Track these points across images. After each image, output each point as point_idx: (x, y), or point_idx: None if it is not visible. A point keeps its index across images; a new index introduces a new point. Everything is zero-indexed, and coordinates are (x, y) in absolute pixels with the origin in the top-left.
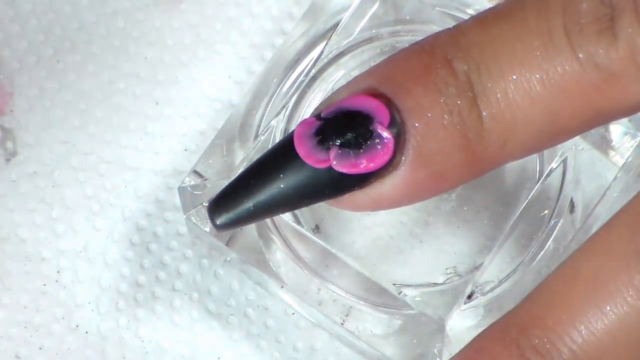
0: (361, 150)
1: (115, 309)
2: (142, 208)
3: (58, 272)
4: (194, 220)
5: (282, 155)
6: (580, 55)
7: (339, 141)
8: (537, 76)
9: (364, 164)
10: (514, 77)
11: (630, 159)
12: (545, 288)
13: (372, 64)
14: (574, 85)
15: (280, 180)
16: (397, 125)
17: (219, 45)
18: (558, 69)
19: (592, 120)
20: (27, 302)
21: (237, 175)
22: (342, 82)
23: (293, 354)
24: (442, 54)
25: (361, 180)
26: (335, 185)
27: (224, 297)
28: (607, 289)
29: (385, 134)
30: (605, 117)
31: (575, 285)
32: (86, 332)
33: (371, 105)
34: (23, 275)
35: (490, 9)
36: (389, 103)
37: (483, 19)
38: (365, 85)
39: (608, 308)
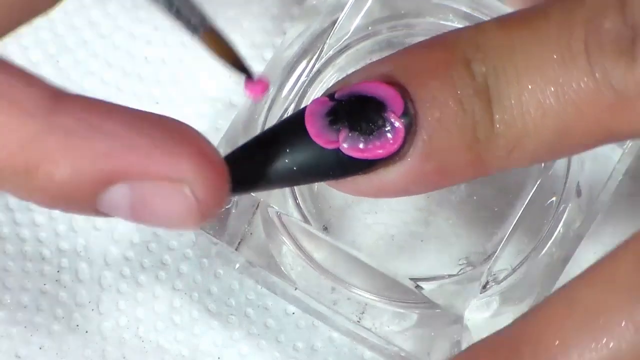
0: (371, 137)
1: (115, 309)
2: None
3: (58, 271)
4: (201, 228)
5: (291, 131)
6: (597, 74)
7: (351, 124)
8: (552, 89)
9: (372, 150)
10: (530, 86)
11: (630, 143)
12: (543, 310)
13: (369, 61)
14: (587, 103)
15: (286, 155)
16: (409, 116)
17: None
18: (573, 84)
19: (601, 139)
20: (27, 302)
21: (243, 143)
22: None
23: (293, 353)
24: (461, 52)
25: (367, 165)
26: (340, 168)
27: (224, 296)
28: (606, 320)
29: (397, 123)
30: (615, 137)
31: (574, 312)
32: (86, 332)
33: (386, 93)
34: (23, 274)
35: (513, 13)
36: (404, 92)
37: (505, 22)
38: (382, 71)
39: (604, 340)
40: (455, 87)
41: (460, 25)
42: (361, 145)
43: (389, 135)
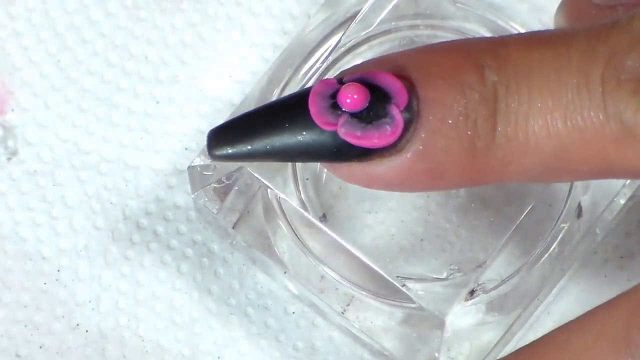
0: (370, 125)
1: (115, 308)
2: (143, 207)
3: (58, 270)
4: (202, 201)
5: (293, 107)
6: (609, 108)
7: (354, 110)
8: (561, 113)
9: (369, 139)
10: (539, 105)
11: None
12: (535, 349)
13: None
14: (593, 133)
15: (285, 130)
16: (411, 112)
17: (220, 45)
18: (584, 112)
19: (601, 171)
20: (27, 301)
21: (246, 111)
22: None
23: (293, 353)
24: (477, 58)
25: (362, 154)
26: (335, 151)
27: (224, 296)
28: None
29: (397, 116)
30: (615, 173)
31: (562, 355)
32: (86, 331)
33: (394, 86)
34: (23, 274)
35: (538, 31)
36: (411, 89)
37: (528, 38)
38: (395, 63)
39: None
40: (463, 91)
41: (482, 33)
42: (358, 133)
43: (387, 127)
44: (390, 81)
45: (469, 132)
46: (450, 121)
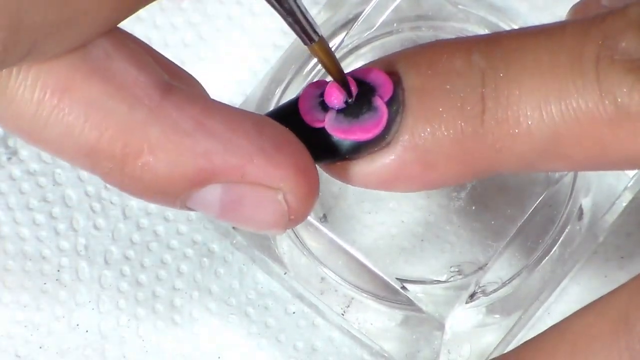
0: (356, 119)
1: (115, 308)
2: (143, 207)
3: (58, 270)
4: None
5: (287, 109)
6: (603, 87)
7: (338, 106)
8: (555, 94)
9: (355, 132)
10: (531, 88)
11: (637, 174)
12: (542, 336)
13: None
14: (587, 115)
15: None
16: (397, 103)
17: (220, 44)
18: (577, 94)
19: (595, 158)
20: (27, 301)
21: None
22: None
23: (293, 353)
24: (466, 46)
25: (353, 150)
26: (326, 149)
27: (224, 296)
28: (591, 348)
29: (382, 108)
30: (609, 160)
31: (564, 337)
32: (86, 331)
33: (379, 79)
34: (23, 273)
35: (531, 26)
36: (398, 81)
37: (521, 29)
38: (385, 60)
39: None
40: (448, 77)
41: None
42: (344, 127)
43: (372, 119)
44: (376, 74)
45: (455, 118)
46: (435, 108)
